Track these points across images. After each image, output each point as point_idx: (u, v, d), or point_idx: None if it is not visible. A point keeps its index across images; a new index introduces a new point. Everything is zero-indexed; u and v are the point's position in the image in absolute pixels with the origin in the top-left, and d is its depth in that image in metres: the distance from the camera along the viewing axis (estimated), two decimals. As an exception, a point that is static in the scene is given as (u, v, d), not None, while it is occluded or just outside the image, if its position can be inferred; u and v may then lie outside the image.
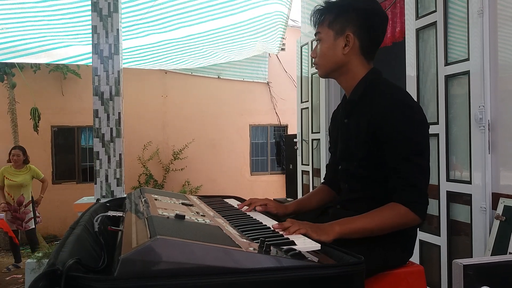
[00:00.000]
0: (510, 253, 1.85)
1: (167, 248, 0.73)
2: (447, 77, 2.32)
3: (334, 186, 1.54)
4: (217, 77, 7.95)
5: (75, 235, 0.96)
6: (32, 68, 6.50)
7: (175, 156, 7.69)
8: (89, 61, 4.67)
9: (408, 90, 2.57)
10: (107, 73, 3.43)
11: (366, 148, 1.25)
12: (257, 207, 1.42)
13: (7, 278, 4.50)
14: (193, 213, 1.10)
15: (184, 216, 0.96)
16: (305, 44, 4.27)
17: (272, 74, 8.29)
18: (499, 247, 1.94)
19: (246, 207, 1.43)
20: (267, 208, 1.43)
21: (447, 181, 2.31)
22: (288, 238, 0.98)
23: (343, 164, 1.39)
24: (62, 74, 6.97)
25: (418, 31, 2.57)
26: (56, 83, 7.14)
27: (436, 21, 2.39)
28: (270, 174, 8.52)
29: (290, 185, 6.31)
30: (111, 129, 3.43)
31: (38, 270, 3.52)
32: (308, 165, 4.25)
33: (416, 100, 2.54)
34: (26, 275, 3.60)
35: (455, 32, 2.30)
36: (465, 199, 2.19)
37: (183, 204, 1.24)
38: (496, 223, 1.98)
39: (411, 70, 2.63)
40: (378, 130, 1.21)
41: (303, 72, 4.42)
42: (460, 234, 2.27)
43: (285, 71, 8.28)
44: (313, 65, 1.42)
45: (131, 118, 6.58)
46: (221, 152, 8.07)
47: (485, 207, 2.05)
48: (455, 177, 2.29)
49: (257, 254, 0.79)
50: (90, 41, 3.46)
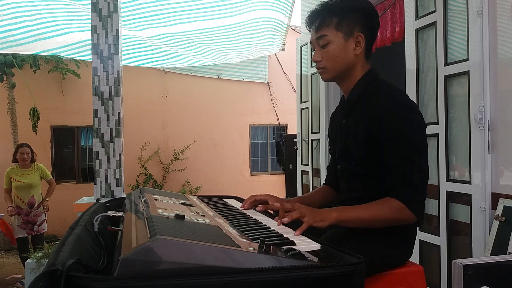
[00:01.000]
0: (510, 253, 1.85)
1: (167, 248, 0.73)
2: (447, 77, 2.32)
3: (336, 187, 1.55)
4: (217, 77, 7.94)
5: (75, 235, 0.96)
6: (32, 68, 6.50)
7: (176, 157, 7.69)
8: (87, 54, 4.66)
9: (408, 90, 2.58)
10: (107, 73, 3.42)
11: (365, 148, 1.26)
12: (258, 207, 1.42)
13: (7, 278, 4.50)
14: (193, 213, 1.10)
15: (184, 216, 0.96)
16: (305, 44, 4.27)
17: (272, 74, 8.29)
18: (499, 248, 1.94)
19: (246, 207, 1.44)
20: (269, 207, 1.44)
21: (447, 181, 2.31)
22: (288, 238, 0.98)
23: (342, 164, 1.40)
24: (62, 74, 6.97)
25: (418, 31, 2.57)
26: (56, 83, 7.14)
27: (436, 21, 2.39)
28: (270, 174, 8.52)
29: (290, 185, 6.31)
30: (111, 129, 3.43)
31: (38, 270, 3.52)
32: (308, 165, 4.25)
33: (416, 100, 2.54)
34: (26, 275, 3.60)
35: (455, 32, 2.30)
36: (465, 199, 2.19)
37: (183, 204, 1.24)
38: (496, 224, 1.98)
39: (411, 70, 2.63)
40: (376, 130, 1.22)
41: (303, 72, 4.42)
42: (460, 234, 2.27)
43: (285, 72, 8.28)
44: (318, 69, 1.37)
45: (131, 118, 6.58)
46: (221, 152, 8.06)
47: (485, 207, 2.05)
48: (455, 177, 2.29)
49: (257, 254, 0.80)
50: (89, 28, 3.44)
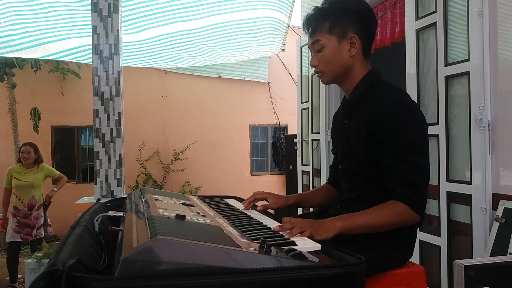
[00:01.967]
0: (511, 254, 1.85)
1: (168, 248, 0.73)
2: (447, 78, 2.32)
3: (338, 187, 1.55)
4: (218, 77, 7.94)
5: (76, 235, 0.96)
6: (32, 68, 6.49)
7: (176, 157, 7.69)
8: (87, 58, 4.67)
9: (408, 91, 2.58)
10: (107, 73, 3.43)
11: (366, 148, 1.26)
12: (258, 207, 1.43)
13: (7, 278, 4.50)
14: (194, 213, 1.10)
15: (185, 216, 0.96)
16: (305, 45, 4.27)
17: (272, 74, 8.29)
18: (498, 249, 1.94)
19: (248, 202, 1.46)
20: (268, 205, 1.45)
21: (447, 182, 2.31)
22: (289, 239, 0.98)
23: (344, 164, 1.40)
24: (62, 75, 6.97)
25: (418, 32, 2.57)
26: (56, 83, 7.14)
27: (436, 22, 2.39)
28: (270, 174, 8.52)
29: (291, 185, 6.31)
30: (111, 129, 3.43)
31: (38, 270, 3.52)
32: (308, 165, 4.25)
33: (416, 101, 2.54)
34: (26, 275, 3.61)
35: (455, 33, 2.30)
36: (465, 200, 2.19)
37: (184, 204, 1.24)
38: (496, 225, 1.98)
39: (411, 71, 2.63)
40: (376, 131, 1.22)
41: (303, 72, 4.42)
42: (460, 235, 2.26)
43: (285, 71, 8.28)
44: (316, 73, 1.39)
45: (131, 118, 6.58)
46: (221, 152, 8.06)
47: (485, 208, 2.05)
48: (455, 178, 2.29)
49: (258, 255, 0.80)
50: (90, 33, 3.45)
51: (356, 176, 1.33)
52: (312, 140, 4.15)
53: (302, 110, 4.44)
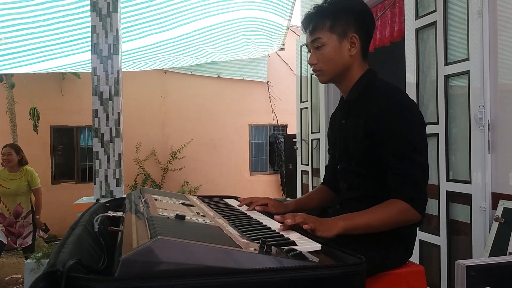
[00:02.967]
0: (510, 253, 1.85)
1: (168, 249, 0.72)
2: (447, 77, 2.32)
3: (333, 187, 1.55)
4: (217, 76, 7.93)
5: (75, 236, 0.96)
6: (32, 68, 6.49)
7: (173, 156, 7.68)
8: (88, 68, 4.67)
9: (408, 90, 2.58)
10: (107, 73, 3.42)
11: (364, 148, 1.26)
12: (257, 207, 1.42)
13: (6, 278, 4.49)
14: (193, 214, 1.10)
15: (185, 217, 0.96)
16: (304, 44, 4.26)
17: (272, 74, 8.29)
18: (497, 249, 1.94)
19: (246, 207, 1.44)
20: (268, 209, 1.44)
21: (447, 181, 2.31)
22: (289, 239, 0.98)
23: (342, 164, 1.40)
24: (61, 74, 6.96)
25: (418, 31, 2.57)
26: (55, 83, 7.13)
27: (436, 21, 2.39)
28: (270, 174, 8.52)
29: (290, 185, 6.31)
30: (111, 129, 3.42)
31: (38, 270, 3.51)
32: (308, 165, 4.25)
33: (416, 100, 2.54)
34: (26, 275, 3.60)
35: (455, 32, 2.30)
36: (465, 199, 2.19)
37: (183, 205, 1.23)
38: (495, 225, 1.98)
39: (411, 70, 2.63)
40: (375, 130, 1.22)
41: (303, 72, 4.42)
42: (460, 234, 2.27)
43: (284, 71, 8.27)
44: (314, 72, 1.38)
45: (131, 118, 6.57)
46: (221, 152, 8.06)
47: (485, 207, 2.05)
48: (455, 177, 2.29)
49: (258, 255, 0.79)
50: (90, 49, 3.45)
51: (355, 176, 1.33)
52: (312, 140, 4.15)
53: (302, 110, 4.44)
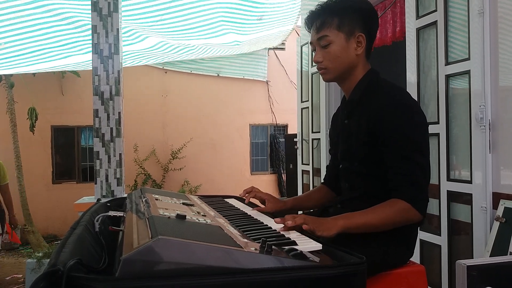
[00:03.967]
0: (511, 253, 1.85)
1: (169, 248, 0.72)
2: (448, 77, 2.32)
3: (333, 187, 1.55)
4: (217, 75, 7.92)
5: (76, 235, 0.96)
6: (32, 68, 6.49)
7: (174, 156, 7.68)
8: (89, 66, 4.66)
9: (409, 90, 2.57)
10: (107, 73, 3.42)
11: (367, 147, 1.26)
12: (257, 208, 1.43)
13: (7, 278, 4.50)
14: (194, 213, 1.10)
15: (185, 216, 0.96)
16: (305, 44, 4.26)
17: (272, 73, 8.28)
18: (498, 248, 1.94)
19: (247, 207, 1.44)
20: (266, 208, 1.44)
21: (448, 181, 2.31)
22: (290, 238, 0.98)
23: (344, 164, 1.40)
24: (61, 74, 6.95)
25: (419, 31, 2.57)
26: (56, 83, 7.13)
27: (437, 21, 2.39)
28: (270, 174, 8.51)
29: (290, 185, 6.30)
30: (111, 129, 3.42)
31: (38, 270, 3.52)
32: (308, 165, 4.25)
33: (417, 100, 2.54)
34: (26, 275, 3.61)
35: (456, 32, 2.30)
36: (466, 199, 2.19)
37: (184, 204, 1.24)
38: (496, 225, 1.98)
39: (412, 70, 2.63)
40: (378, 130, 1.22)
41: (303, 71, 4.42)
42: (461, 234, 2.26)
43: (285, 70, 8.27)
44: (319, 70, 1.37)
45: (131, 118, 6.58)
46: (221, 152, 8.06)
47: (486, 207, 2.04)
48: (456, 177, 2.29)
49: (259, 254, 0.79)
50: (90, 51, 3.44)
51: (357, 176, 1.33)
52: (312, 140, 4.15)
53: (302, 109, 4.43)
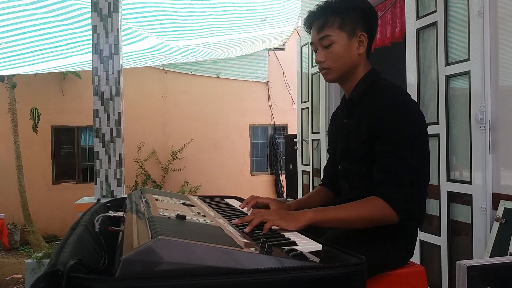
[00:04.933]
0: (511, 254, 1.85)
1: (168, 249, 0.72)
2: (448, 77, 2.32)
3: (332, 188, 1.54)
4: (217, 77, 7.93)
5: (76, 236, 0.96)
6: (33, 68, 6.49)
7: (174, 156, 7.68)
8: (89, 67, 4.65)
9: (409, 90, 2.57)
10: (107, 73, 3.42)
11: (366, 147, 1.25)
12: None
13: (7, 278, 4.50)
14: (194, 214, 1.10)
15: (185, 217, 0.96)
16: (306, 44, 4.26)
17: (272, 74, 8.29)
18: (498, 249, 1.94)
19: (246, 208, 1.44)
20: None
21: (448, 181, 2.31)
22: (290, 239, 0.98)
23: (343, 164, 1.40)
24: (62, 75, 6.97)
25: (419, 31, 2.57)
26: (56, 83, 7.14)
27: (437, 21, 2.39)
28: (271, 174, 8.52)
29: (290, 185, 6.31)
30: (111, 129, 3.42)
31: (38, 270, 3.52)
32: (308, 165, 4.25)
33: (417, 100, 2.54)
34: (26, 275, 3.61)
35: (456, 32, 2.30)
36: (466, 199, 2.19)
37: (184, 205, 1.24)
38: (496, 225, 1.98)
39: (412, 71, 2.63)
40: (378, 129, 1.21)
41: (303, 72, 4.42)
42: (461, 234, 2.26)
43: (286, 70, 8.27)
44: (321, 70, 1.36)
45: (131, 118, 6.58)
46: (221, 152, 8.06)
47: (486, 208, 2.05)
48: (456, 177, 2.29)
49: (259, 255, 0.79)
50: (90, 51, 3.44)
51: (356, 176, 1.32)
52: (312, 140, 4.15)
53: (302, 110, 4.44)
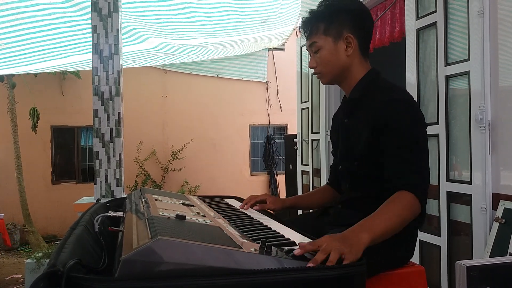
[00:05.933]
0: (511, 254, 1.85)
1: (168, 249, 0.72)
2: (447, 78, 2.32)
3: (337, 187, 1.55)
4: (216, 76, 7.92)
5: (76, 236, 0.95)
6: (32, 68, 6.48)
7: (174, 156, 7.68)
8: (89, 66, 4.64)
9: (408, 90, 2.56)
10: (107, 73, 3.42)
11: (367, 147, 1.26)
12: (255, 207, 1.44)
13: (7, 278, 4.49)
14: (194, 214, 1.10)
15: (185, 217, 0.96)
16: (305, 45, 4.26)
17: (271, 74, 8.28)
18: (498, 249, 1.94)
19: (249, 204, 1.46)
20: (265, 206, 1.45)
21: (447, 181, 2.31)
22: (289, 239, 0.98)
23: (344, 164, 1.40)
24: (62, 74, 6.96)
25: (418, 32, 2.57)
26: (56, 83, 7.14)
27: (437, 22, 2.39)
28: (268, 174, 8.51)
29: (290, 185, 6.30)
30: (111, 129, 3.42)
31: (38, 270, 3.52)
32: (308, 165, 4.25)
33: (416, 100, 2.54)
34: (26, 275, 3.60)
35: (455, 33, 2.30)
36: (465, 200, 2.19)
37: (184, 205, 1.23)
38: (496, 225, 1.98)
39: (411, 71, 2.63)
40: (380, 125, 1.21)
41: (303, 72, 4.42)
42: (460, 235, 2.26)
43: (285, 70, 8.27)
44: (315, 75, 1.40)
45: (131, 118, 6.57)
46: (221, 152, 8.06)
47: (485, 208, 2.05)
48: (455, 177, 2.29)
49: (258, 255, 0.79)
50: (90, 51, 3.44)
51: (357, 176, 1.33)
52: (312, 140, 4.15)
53: (302, 110, 4.44)
